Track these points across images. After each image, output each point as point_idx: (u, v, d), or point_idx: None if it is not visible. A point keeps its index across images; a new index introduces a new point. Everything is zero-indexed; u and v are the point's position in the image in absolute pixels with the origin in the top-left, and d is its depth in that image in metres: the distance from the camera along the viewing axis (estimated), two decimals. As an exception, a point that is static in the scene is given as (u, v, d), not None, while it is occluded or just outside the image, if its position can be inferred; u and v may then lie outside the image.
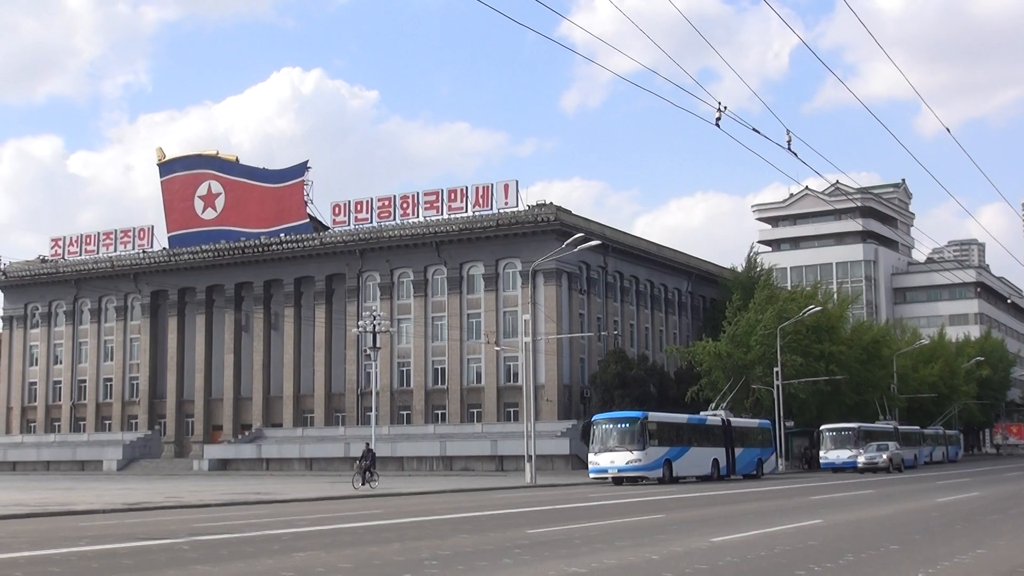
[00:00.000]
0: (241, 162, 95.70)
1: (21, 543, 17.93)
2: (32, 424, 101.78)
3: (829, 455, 65.44)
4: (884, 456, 60.63)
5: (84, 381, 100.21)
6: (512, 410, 78.47)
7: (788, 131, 20.52)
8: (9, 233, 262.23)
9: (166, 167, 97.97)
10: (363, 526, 21.55)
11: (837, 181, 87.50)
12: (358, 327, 73.82)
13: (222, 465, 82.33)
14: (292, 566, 13.93)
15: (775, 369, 65.91)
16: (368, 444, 46.73)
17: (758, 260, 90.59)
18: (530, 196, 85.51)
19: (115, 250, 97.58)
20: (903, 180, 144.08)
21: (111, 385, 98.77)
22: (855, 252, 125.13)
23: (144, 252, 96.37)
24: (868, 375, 78.10)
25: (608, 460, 45.69)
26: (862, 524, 20.71)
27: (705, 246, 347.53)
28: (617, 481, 45.54)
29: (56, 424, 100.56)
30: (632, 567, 13.55)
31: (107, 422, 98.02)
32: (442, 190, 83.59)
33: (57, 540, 18.44)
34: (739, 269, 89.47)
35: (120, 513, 27.46)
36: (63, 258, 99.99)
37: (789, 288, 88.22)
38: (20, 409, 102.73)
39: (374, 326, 69.74)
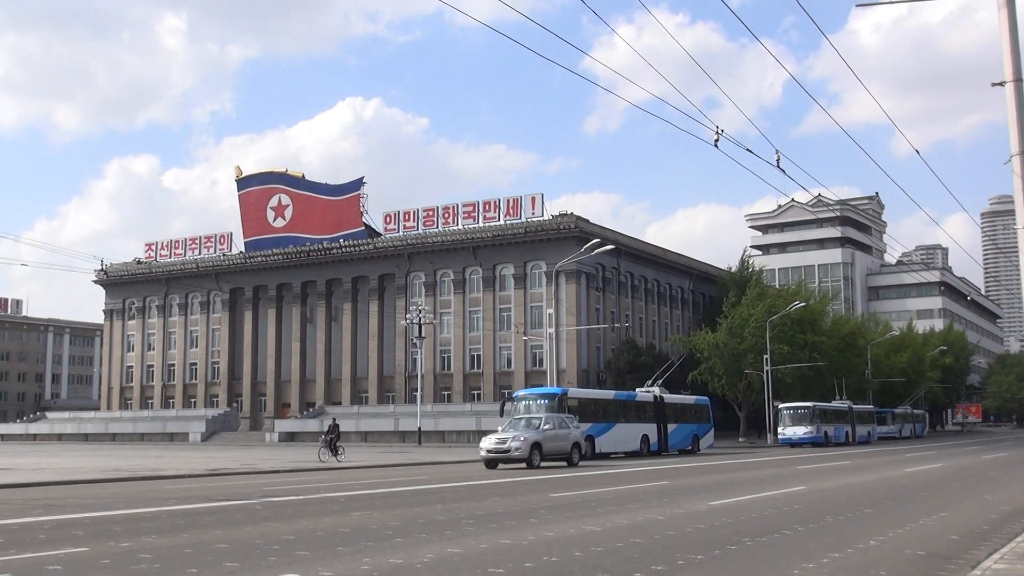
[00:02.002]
0: (306, 178, 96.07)
1: (118, 502, 18.08)
2: (129, 401, 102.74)
3: (787, 431, 60.55)
4: (521, 439, 31.49)
5: (173, 365, 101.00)
6: (538, 391, 78.26)
7: (777, 151, 20.38)
8: (111, 239, 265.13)
9: (243, 182, 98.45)
10: (409, 490, 21.54)
11: (819, 194, 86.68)
12: (406, 319, 74.02)
13: (290, 437, 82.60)
14: (349, 524, 13.94)
15: (765, 356, 65.48)
16: (334, 419, 43.31)
17: (750, 262, 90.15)
18: (555, 207, 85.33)
19: (200, 253, 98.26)
20: (877, 193, 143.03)
21: (196, 368, 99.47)
22: (834, 256, 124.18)
23: (224, 255, 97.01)
24: (846, 362, 77.63)
25: None
26: (840, 491, 20.53)
27: (707, 250, 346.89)
28: None
29: (149, 401, 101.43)
30: (641, 526, 13.46)
31: (192, 400, 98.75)
32: (478, 202, 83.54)
33: (148, 500, 18.58)
34: (734, 270, 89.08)
35: (202, 478, 27.61)
36: (156, 260, 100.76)
37: (777, 287, 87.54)
38: (119, 389, 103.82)
39: (420, 319, 69.86)
